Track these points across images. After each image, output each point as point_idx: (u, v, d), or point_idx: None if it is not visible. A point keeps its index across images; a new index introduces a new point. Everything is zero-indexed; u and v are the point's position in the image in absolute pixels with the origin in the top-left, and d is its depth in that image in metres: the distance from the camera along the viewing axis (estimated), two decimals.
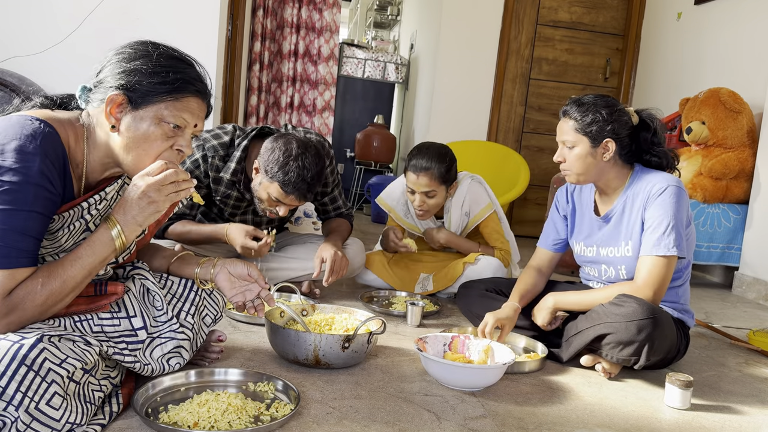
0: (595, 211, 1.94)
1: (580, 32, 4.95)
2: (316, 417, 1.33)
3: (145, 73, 1.20)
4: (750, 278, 3.29)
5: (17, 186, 1.09)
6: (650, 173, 1.84)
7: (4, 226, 1.09)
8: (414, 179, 2.39)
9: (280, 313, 1.77)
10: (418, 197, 2.41)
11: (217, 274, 1.46)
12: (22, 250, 1.11)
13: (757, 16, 3.62)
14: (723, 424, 1.54)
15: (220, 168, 2.17)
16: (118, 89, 1.19)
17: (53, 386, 1.05)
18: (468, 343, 1.74)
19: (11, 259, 1.10)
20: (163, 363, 1.35)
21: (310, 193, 2.07)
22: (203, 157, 2.16)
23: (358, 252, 2.47)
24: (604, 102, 1.83)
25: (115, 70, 1.20)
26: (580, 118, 1.82)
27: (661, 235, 1.72)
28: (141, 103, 1.19)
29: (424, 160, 2.36)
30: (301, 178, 2.01)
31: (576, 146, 1.83)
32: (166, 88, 1.20)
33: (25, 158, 1.10)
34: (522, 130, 5.01)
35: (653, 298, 1.70)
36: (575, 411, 1.52)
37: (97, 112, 1.22)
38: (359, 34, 10.00)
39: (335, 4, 5.34)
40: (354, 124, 5.99)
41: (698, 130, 3.41)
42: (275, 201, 2.09)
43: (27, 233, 1.11)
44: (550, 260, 2.07)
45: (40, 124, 1.14)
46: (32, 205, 1.11)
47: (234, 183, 2.19)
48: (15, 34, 3.15)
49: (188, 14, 3.29)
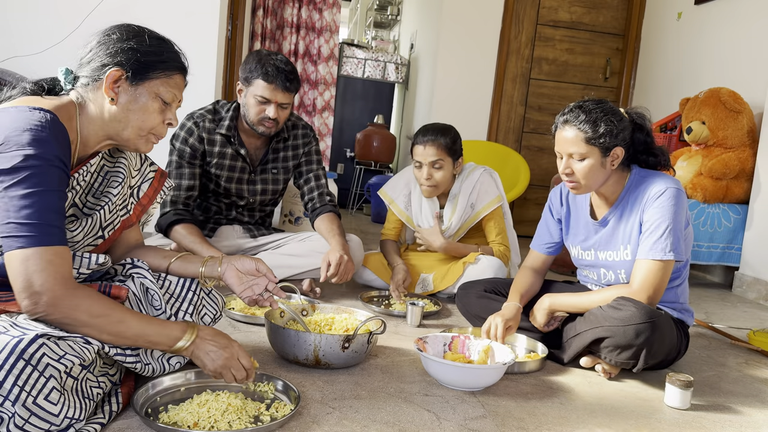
0: (591, 215, 1.92)
1: (581, 32, 4.95)
2: (316, 417, 1.33)
3: (141, 52, 1.29)
4: (750, 278, 3.29)
5: (42, 170, 1.14)
6: (648, 175, 1.81)
7: (41, 206, 1.13)
8: (421, 150, 2.43)
9: (280, 313, 1.77)
10: (425, 169, 2.43)
11: (225, 271, 1.49)
12: (58, 227, 1.16)
13: (757, 16, 3.62)
14: (723, 424, 1.54)
15: (213, 129, 2.35)
16: (116, 65, 1.27)
17: (51, 381, 1.05)
18: (468, 343, 1.74)
19: (53, 236, 1.14)
20: (163, 362, 1.35)
21: (290, 83, 2.24)
22: (195, 124, 2.34)
23: (356, 249, 2.48)
24: (608, 108, 1.76)
25: (109, 49, 1.28)
26: (591, 129, 1.72)
27: (659, 239, 1.71)
28: (139, 79, 1.29)
29: (430, 133, 2.45)
30: (277, 66, 2.23)
31: (587, 158, 1.74)
32: (162, 66, 1.31)
33: (42, 144, 1.15)
34: (522, 130, 5.01)
35: (649, 301, 1.69)
36: (575, 411, 1.52)
37: (88, 89, 1.30)
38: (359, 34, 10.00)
39: (335, 4, 5.34)
40: (354, 124, 5.99)
41: (698, 130, 3.41)
42: (262, 102, 2.25)
43: (58, 211, 1.17)
44: (543, 262, 2.07)
45: (43, 113, 1.18)
46: (58, 185, 1.17)
47: (228, 138, 2.36)
48: (15, 33, 3.15)
49: (188, 14, 3.29)
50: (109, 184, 1.39)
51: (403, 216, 2.65)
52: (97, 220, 1.35)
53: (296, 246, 2.43)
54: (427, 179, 2.45)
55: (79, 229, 1.31)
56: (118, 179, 1.40)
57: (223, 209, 2.51)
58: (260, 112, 2.27)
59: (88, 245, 1.37)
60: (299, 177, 2.54)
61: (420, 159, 2.44)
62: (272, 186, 2.50)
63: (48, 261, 1.12)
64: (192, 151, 2.33)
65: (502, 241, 2.55)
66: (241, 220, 2.54)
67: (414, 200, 2.64)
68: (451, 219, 2.57)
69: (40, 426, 1.03)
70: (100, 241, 1.39)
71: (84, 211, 1.36)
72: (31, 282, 1.11)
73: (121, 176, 1.40)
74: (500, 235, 2.55)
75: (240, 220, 2.54)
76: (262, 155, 2.46)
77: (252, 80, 2.26)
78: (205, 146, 2.34)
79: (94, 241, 1.37)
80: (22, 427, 1.02)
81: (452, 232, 2.59)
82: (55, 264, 1.13)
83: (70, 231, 1.29)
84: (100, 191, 1.38)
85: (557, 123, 1.81)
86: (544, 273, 2.09)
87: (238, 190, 2.44)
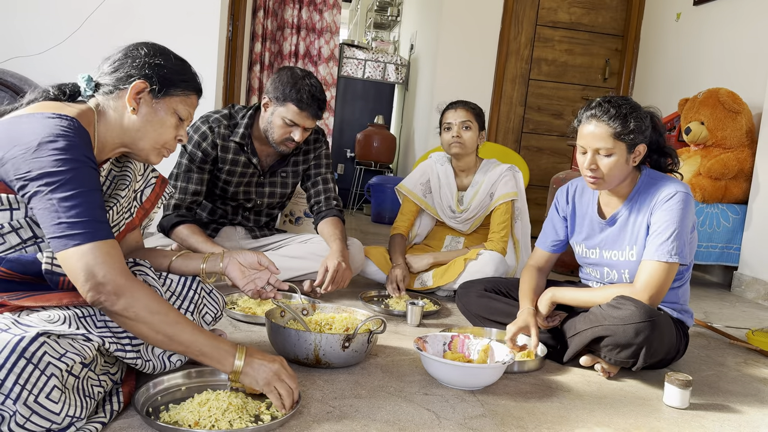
0: (599, 213, 1.92)
1: (580, 33, 4.96)
2: (316, 416, 1.34)
3: (167, 69, 1.36)
4: (749, 278, 3.29)
5: (82, 171, 1.18)
6: (659, 178, 1.81)
7: (88, 205, 1.17)
8: (452, 113, 2.64)
9: (281, 313, 1.78)
10: (455, 128, 2.61)
11: (228, 266, 1.52)
12: (106, 222, 1.20)
13: (757, 17, 3.62)
14: (722, 423, 1.54)
15: (227, 136, 2.33)
16: (142, 78, 1.33)
17: (52, 380, 1.05)
18: (468, 343, 1.74)
19: (105, 231, 1.18)
20: (164, 360, 1.36)
21: (321, 111, 2.24)
22: (210, 129, 2.32)
23: (357, 253, 2.48)
24: (635, 104, 1.75)
25: (136, 62, 1.34)
26: (620, 125, 1.71)
27: (665, 241, 1.71)
28: (161, 94, 1.35)
29: (461, 102, 2.69)
30: (312, 94, 2.20)
31: (613, 154, 1.73)
32: (183, 84, 1.39)
33: (76, 148, 1.18)
34: (521, 130, 5.02)
35: (651, 302, 1.70)
36: (574, 410, 1.52)
37: (110, 97, 1.35)
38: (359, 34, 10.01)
39: (335, 5, 5.35)
40: (354, 124, 6.00)
41: (697, 131, 3.41)
42: (290, 124, 2.23)
43: (103, 208, 1.21)
44: (548, 260, 2.07)
45: (68, 120, 1.22)
46: (96, 184, 1.21)
47: (242, 146, 2.34)
48: (16, 34, 3.16)
49: (189, 15, 3.29)
50: (117, 187, 1.42)
51: (423, 204, 2.76)
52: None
53: (297, 248, 2.43)
54: (456, 137, 2.59)
55: None
56: (125, 182, 1.43)
57: (229, 212, 2.51)
58: (286, 133, 2.25)
59: None
60: (307, 180, 2.53)
61: (451, 120, 2.63)
62: (281, 189, 2.50)
63: (106, 253, 1.17)
64: (203, 155, 2.31)
65: (501, 239, 2.58)
66: (245, 224, 2.55)
67: (433, 183, 2.77)
68: (471, 202, 2.66)
69: (41, 424, 1.04)
70: None
71: None
72: (94, 273, 1.15)
73: (127, 180, 1.44)
74: (504, 230, 2.58)
75: (245, 225, 2.55)
76: (274, 162, 2.45)
77: (283, 102, 2.21)
78: (218, 152, 2.32)
79: None
80: (23, 426, 1.02)
81: (470, 216, 2.66)
82: (113, 256, 1.17)
83: None
84: (109, 195, 1.41)
85: (581, 117, 1.79)
86: (548, 272, 2.09)
87: (246, 193, 2.43)
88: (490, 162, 2.74)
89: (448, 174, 2.74)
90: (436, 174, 2.77)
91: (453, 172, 2.73)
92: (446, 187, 2.73)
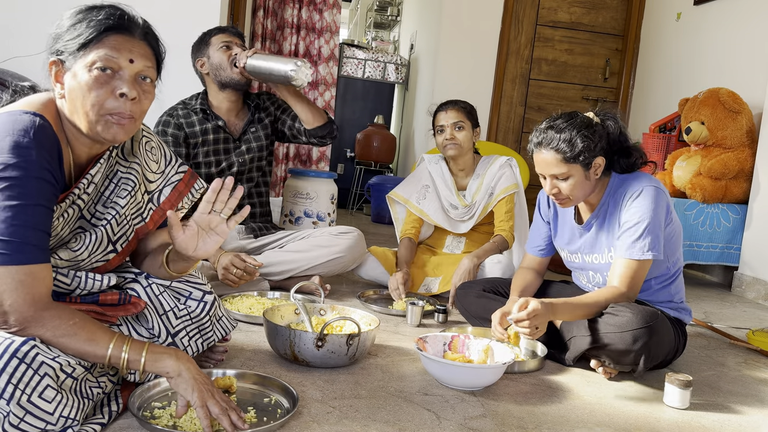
0: (577, 219, 1.93)
1: (580, 33, 4.96)
2: (316, 416, 1.33)
3: (67, 31, 1.19)
4: (749, 278, 3.29)
5: (20, 181, 1.07)
6: (627, 178, 1.81)
7: (16, 222, 1.06)
8: (444, 114, 2.62)
9: (295, 310, 1.82)
10: (448, 130, 2.59)
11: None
12: (35, 245, 1.09)
13: (757, 16, 3.62)
14: (722, 423, 1.54)
15: (188, 114, 2.43)
16: (51, 54, 1.20)
17: (46, 379, 1.04)
18: (468, 343, 1.74)
19: (27, 255, 1.08)
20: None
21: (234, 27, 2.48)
22: (169, 114, 2.42)
23: (356, 244, 2.49)
24: (580, 122, 1.73)
25: (49, 44, 1.21)
26: (568, 149, 1.70)
27: (637, 239, 1.71)
28: (72, 60, 1.18)
29: (450, 102, 2.67)
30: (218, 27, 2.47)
31: (570, 176, 1.73)
32: (86, 34, 1.17)
33: (21, 152, 1.08)
34: (522, 130, 5.02)
35: (628, 295, 1.71)
36: (575, 410, 1.52)
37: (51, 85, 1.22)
38: (359, 34, 10.01)
39: (335, 4, 5.34)
40: (354, 124, 5.99)
41: (697, 131, 3.41)
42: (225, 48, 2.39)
43: (37, 227, 1.09)
44: (539, 263, 2.08)
45: (32, 117, 1.12)
46: (37, 198, 1.09)
47: (204, 113, 2.44)
48: (15, 34, 3.16)
49: (188, 15, 3.29)
50: (119, 192, 1.31)
51: (418, 211, 2.73)
52: (103, 236, 1.28)
53: (299, 243, 2.47)
54: (450, 139, 2.59)
55: (83, 248, 1.25)
56: (128, 188, 1.32)
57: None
58: (229, 56, 2.37)
59: (98, 261, 1.31)
60: (283, 124, 2.58)
61: (443, 122, 2.62)
62: (256, 143, 2.53)
63: (19, 281, 1.07)
64: (174, 139, 2.38)
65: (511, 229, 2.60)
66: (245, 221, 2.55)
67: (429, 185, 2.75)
68: (475, 197, 2.65)
69: (36, 425, 1.02)
70: (112, 255, 1.32)
71: (92, 222, 1.28)
72: (1, 301, 1.07)
73: (131, 184, 1.32)
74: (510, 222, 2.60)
75: (245, 222, 2.54)
76: (242, 127, 2.52)
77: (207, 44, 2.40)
78: (185, 129, 2.40)
79: (104, 257, 1.31)
80: (18, 426, 1.01)
81: (475, 210, 2.66)
82: (25, 284, 1.07)
83: (72, 251, 1.24)
84: (110, 199, 1.31)
85: (532, 146, 1.79)
86: (543, 273, 2.09)
87: (227, 159, 2.47)
88: (488, 157, 2.74)
89: (443, 171, 2.73)
90: (429, 175, 2.76)
91: (448, 168, 2.73)
92: (443, 184, 2.72)
